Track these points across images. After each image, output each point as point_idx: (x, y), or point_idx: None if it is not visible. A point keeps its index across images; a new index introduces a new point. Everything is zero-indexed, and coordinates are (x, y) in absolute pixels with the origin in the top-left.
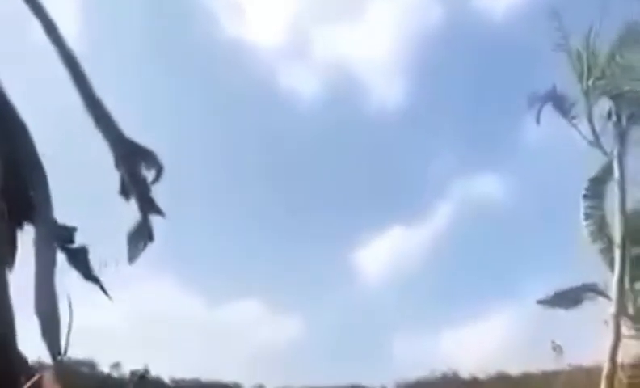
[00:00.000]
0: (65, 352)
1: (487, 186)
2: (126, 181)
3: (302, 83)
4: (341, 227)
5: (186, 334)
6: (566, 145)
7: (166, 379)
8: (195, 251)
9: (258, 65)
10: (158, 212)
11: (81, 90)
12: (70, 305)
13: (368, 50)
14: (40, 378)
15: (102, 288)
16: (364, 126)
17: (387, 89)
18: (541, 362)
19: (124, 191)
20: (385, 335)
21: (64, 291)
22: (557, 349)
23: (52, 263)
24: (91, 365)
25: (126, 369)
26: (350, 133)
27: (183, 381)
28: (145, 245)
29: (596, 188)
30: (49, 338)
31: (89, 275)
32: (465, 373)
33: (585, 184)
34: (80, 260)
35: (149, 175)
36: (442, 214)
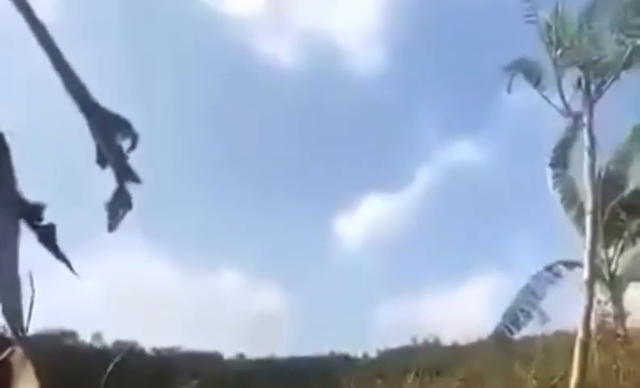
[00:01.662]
0: (27, 328)
1: (467, 153)
2: (102, 150)
3: (281, 51)
4: (321, 195)
5: (166, 304)
6: (545, 112)
7: (147, 349)
8: (174, 222)
9: (237, 34)
10: (135, 180)
11: (53, 59)
12: (32, 282)
13: (346, 18)
14: (10, 353)
15: (69, 266)
16: (343, 94)
17: (366, 57)
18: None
19: (101, 161)
20: (366, 303)
21: (45, 266)
22: (538, 315)
23: (14, 237)
24: (73, 336)
25: (107, 340)
26: (329, 101)
27: (164, 350)
28: (125, 213)
29: (561, 155)
30: (10, 314)
31: (57, 253)
32: (446, 341)
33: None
34: (48, 238)
35: (124, 143)
36: (422, 181)
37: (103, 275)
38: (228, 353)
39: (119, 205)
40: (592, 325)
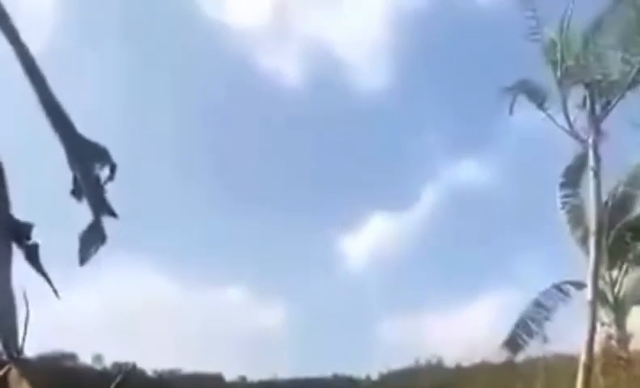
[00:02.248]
0: (22, 350)
1: (473, 171)
2: (78, 180)
3: (284, 64)
4: (326, 212)
5: (167, 323)
6: (550, 132)
7: (149, 371)
8: (175, 238)
9: (239, 45)
10: (111, 213)
11: (37, 87)
12: (27, 302)
13: (350, 33)
14: (7, 372)
15: (50, 285)
16: (346, 109)
17: (370, 71)
18: (527, 350)
19: (76, 192)
20: (370, 322)
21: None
22: (542, 337)
23: (7, 258)
24: (73, 358)
25: (107, 361)
26: (333, 118)
27: (165, 372)
28: (98, 247)
29: (572, 177)
30: (5, 334)
31: (40, 271)
32: (449, 362)
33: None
34: (33, 256)
35: (102, 173)
36: (427, 199)
37: (103, 294)
38: (230, 375)
39: (92, 239)
40: (596, 347)
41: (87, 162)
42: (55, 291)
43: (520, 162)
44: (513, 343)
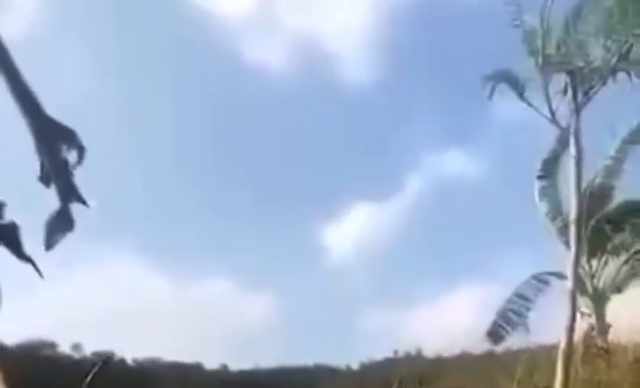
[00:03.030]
0: None
1: (458, 162)
2: (46, 166)
3: (271, 55)
4: (309, 203)
5: (149, 314)
6: (536, 123)
7: (129, 360)
8: (159, 230)
9: (226, 36)
10: (81, 200)
11: (3, 69)
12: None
13: (337, 23)
14: None
15: (35, 267)
16: (333, 100)
17: (358, 63)
18: (508, 341)
19: (44, 178)
20: (353, 313)
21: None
22: (523, 328)
23: None
24: (52, 346)
25: (87, 350)
26: (319, 107)
27: (145, 360)
28: (64, 234)
29: (550, 168)
30: None
31: (20, 253)
32: (429, 352)
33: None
34: (10, 237)
35: (70, 156)
36: (412, 190)
37: (86, 285)
38: (211, 364)
39: (59, 226)
40: (575, 337)
41: (55, 145)
42: (38, 271)
43: (506, 153)
44: (493, 333)
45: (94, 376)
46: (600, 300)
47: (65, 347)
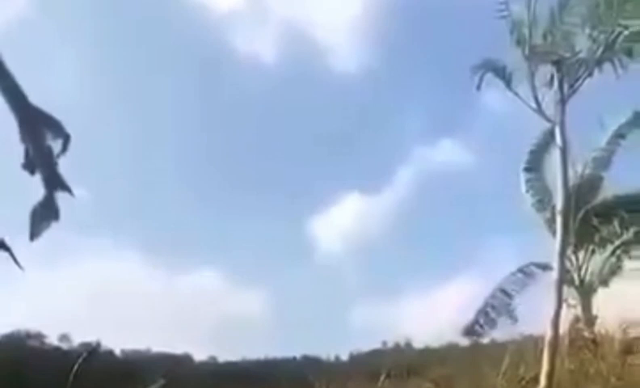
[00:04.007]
0: None
1: (449, 153)
2: (30, 153)
3: (261, 46)
4: (298, 194)
5: (138, 305)
6: (527, 114)
7: (117, 351)
8: (147, 222)
9: (216, 27)
10: (65, 188)
11: None
12: None
13: (327, 14)
14: None
15: (13, 258)
16: (323, 91)
17: (348, 53)
18: (495, 332)
19: (29, 165)
20: (342, 305)
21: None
22: (510, 319)
23: None
24: (39, 337)
25: (75, 341)
26: (309, 98)
27: (133, 352)
28: (50, 223)
29: (536, 160)
30: None
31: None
32: (418, 344)
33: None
34: None
35: (55, 145)
36: (402, 181)
37: (75, 276)
38: (200, 356)
39: (44, 215)
40: (562, 328)
41: (39, 133)
42: (18, 264)
43: (497, 144)
44: (478, 325)
45: (79, 367)
46: (587, 291)
47: (52, 339)
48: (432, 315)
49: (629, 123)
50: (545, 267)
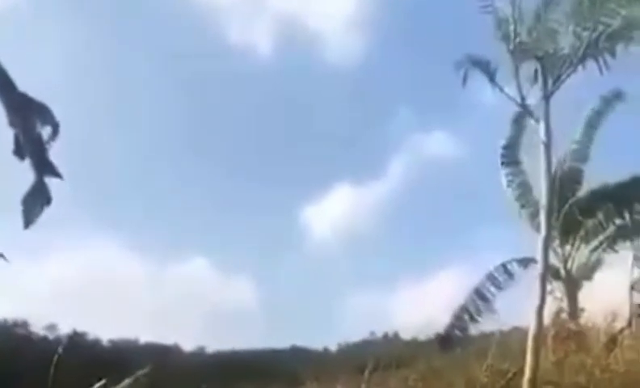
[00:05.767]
0: None
1: (442, 144)
2: (20, 139)
3: (255, 37)
4: (291, 184)
5: (127, 295)
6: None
7: (104, 340)
8: (138, 210)
9: (210, 17)
10: (55, 174)
11: None
12: None
13: (322, 4)
14: None
15: None
16: (317, 82)
17: (342, 44)
18: (483, 324)
19: (19, 151)
20: (333, 296)
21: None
22: (495, 312)
23: None
24: (25, 326)
25: (63, 331)
26: (302, 89)
27: (121, 341)
28: (42, 209)
29: (512, 154)
30: None
31: None
32: (406, 335)
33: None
34: None
35: (44, 132)
36: (395, 172)
37: (62, 265)
38: (188, 346)
39: (37, 200)
40: (547, 320)
41: (28, 119)
42: (2, 256)
43: (490, 136)
44: (445, 339)
45: (63, 356)
46: (572, 284)
47: (39, 328)
48: (422, 306)
49: (599, 112)
50: (528, 263)
